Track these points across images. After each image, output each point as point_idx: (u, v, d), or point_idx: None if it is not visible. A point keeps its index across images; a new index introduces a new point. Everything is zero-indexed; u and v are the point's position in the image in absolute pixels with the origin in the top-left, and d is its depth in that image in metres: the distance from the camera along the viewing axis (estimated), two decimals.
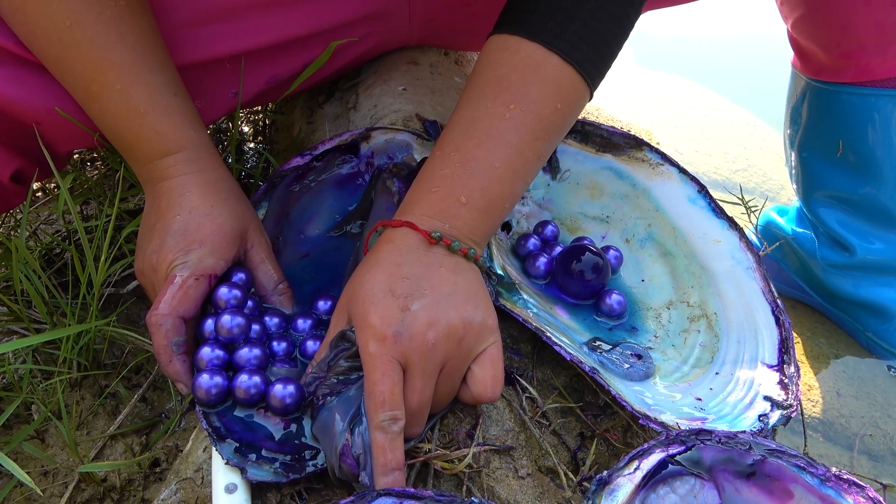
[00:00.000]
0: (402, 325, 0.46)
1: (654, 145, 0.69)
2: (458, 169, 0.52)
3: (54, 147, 0.61)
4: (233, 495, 0.46)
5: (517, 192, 0.54)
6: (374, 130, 0.66)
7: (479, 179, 0.51)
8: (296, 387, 0.49)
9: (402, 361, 0.46)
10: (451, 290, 0.49)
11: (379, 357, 0.46)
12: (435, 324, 0.47)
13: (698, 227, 0.65)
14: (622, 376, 0.56)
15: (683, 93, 1.72)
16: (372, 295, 0.48)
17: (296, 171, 0.64)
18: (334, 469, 0.46)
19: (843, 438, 0.80)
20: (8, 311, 0.68)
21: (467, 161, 0.51)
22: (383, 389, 0.45)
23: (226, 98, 0.68)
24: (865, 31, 0.75)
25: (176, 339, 0.51)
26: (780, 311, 0.59)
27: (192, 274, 0.51)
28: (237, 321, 0.52)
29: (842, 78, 0.79)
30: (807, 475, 0.43)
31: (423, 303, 0.47)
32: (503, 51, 0.54)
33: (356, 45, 0.73)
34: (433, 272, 0.49)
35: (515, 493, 0.49)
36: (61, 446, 0.64)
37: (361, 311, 0.48)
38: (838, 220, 0.87)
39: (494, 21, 0.56)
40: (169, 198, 0.54)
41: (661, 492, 0.43)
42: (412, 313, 0.46)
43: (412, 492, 0.42)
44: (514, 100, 0.52)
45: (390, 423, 0.45)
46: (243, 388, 0.50)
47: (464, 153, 0.52)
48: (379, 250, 0.51)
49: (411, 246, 0.50)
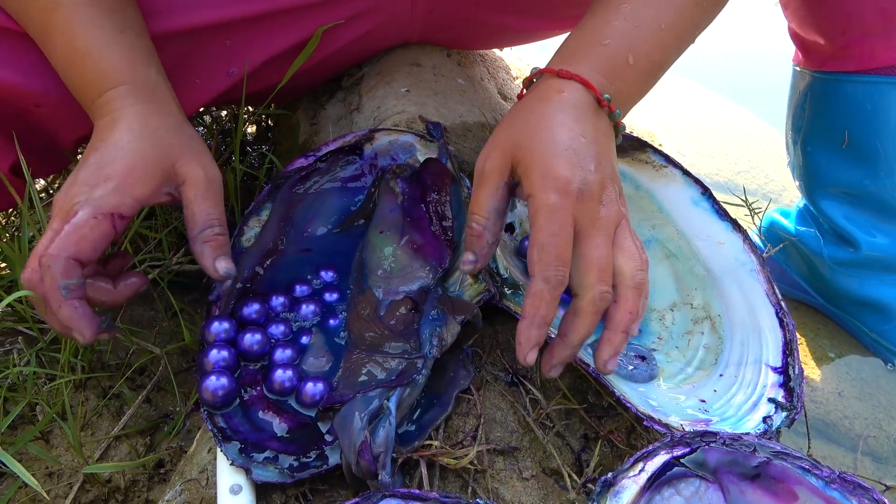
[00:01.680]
0: (585, 184, 0.45)
1: (657, 147, 0.69)
2: (628, 24, 0.50)
3: (59, 134, 0.60)
4: (238, 496, 0.46)
5: (671, 62, 0.53)
6: (378, 132, 0.66)
7: (646, 41, 0.50)
8: (325, 383, 0.52)
9: (577, 220, 0.45)
10: (612, 159, 0.49)
11: (561, 209, 0.45)
12: (607, 189, 0.47)
13: (702, 229, 0.65)
14: (626, 378, 0.56)
15: (685, 94, 1.72)
16: (555, 146, 0.46)
17: (299, 172, 0.64)
18: (351, 465, 0.46)
19: (846, 440, 0.79)
20: (11, 311, 0.68)
21: (638, 17, 0.50)
22: (559, 243, 0.44)
23: (223, 77, 0.67)
24: (870, 16, 0.76)
25: (65, 283, 0.46)
26: (784, 313, 0.59)
27: (92, 212, 0.47)
28: (256, 338, 0.55)
29: (846, 67, 0.80)
30: (811, 477, 0.43)
31: (597, 166, 0.47)
32: None
33: (354, 27, 0.72)
34: (600, 136, 0.49)
35: (520, 495, 0.49)
36: (66, 447, 0.64)
37: (542, 161, 0.46)
38: (844, 214, 0.88)
39: (496, 14, 0.56)
40: (96, 135, 0.51)
41: (666, 493, 0.43)
42: (592, 174, 0.46)
43: (417, 493, 0.42)
44: None
45: (558, 279, 0.44)
46: (278, 381, 0.52)
47: (635, 6, 0.50)
48: (550, 100, 0.49)
49: (584, 104, 0.49)
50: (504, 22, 0.81)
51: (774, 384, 0.55)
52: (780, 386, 0.55)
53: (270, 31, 0.67)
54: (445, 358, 0.54)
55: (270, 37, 0.67)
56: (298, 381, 0.52)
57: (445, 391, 0.53)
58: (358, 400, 0.48)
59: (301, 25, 0.68)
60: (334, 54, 0.75)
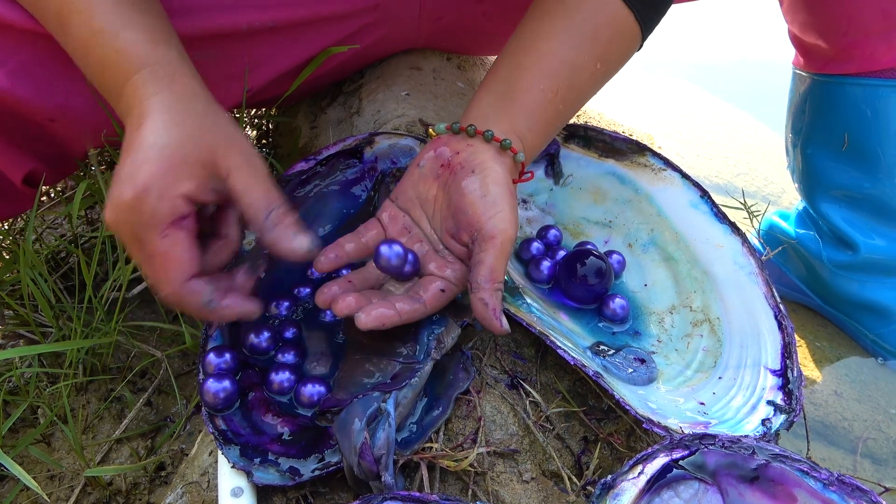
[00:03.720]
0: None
1: (656, 150, 0.69)
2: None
3: (69, 146, 0.60)
4: (239, 499, 0.46)
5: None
6: (378, 135, 0.66)
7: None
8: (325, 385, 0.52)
9: None
10: None
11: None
12: None
13: (701, 231, 0.65)
14: (626, 380, 0.56)
15: (684, 96, 1.72)
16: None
17: (300, 175, 0.64)
18: (353, 467, 0.46)
19: (845, 442, 0.80)
20: (14, 315, 0.69)
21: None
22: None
23: (238, 92, 0.68)
24: (872, 18, 0.77)
25: (204, 300, 0.45)
26: (783, 315, 0.60)
27: (158, 235, 0.44)
28: (265, 335, 0.55)
29: (847, 69, 0.80)
30: (810, 479, 0.43)
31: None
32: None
33: (361, 38, 0.73)
34: None
35: (520, 497, 0.49)
36: (67, 450, 0.64)
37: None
38: (843, 216, 0.88)
39: (503, 24, 0.57)
40: (130, 133, 0.47)
41: (666, 496, 0.44)
42: None
43: (417, 495, 0.43)
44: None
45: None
46: (277, 381, 0.53)
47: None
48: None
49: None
50: (510, 32, 0.81)
51: (773, 387, 0.55)
52: (779, 388, 0.55)
53: (284, 44, 0.67)
54: (445, 360, 0.54)
55: (284, 51, 0.68)
56: (297, 381, 0.53)
57: (445, 394, 0.53)
58: (356, 403, 0.48)
59: (310, 38, 0.69)
60: (340, 63, 0.75)
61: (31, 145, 0.59)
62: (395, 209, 0.56)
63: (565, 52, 0.55)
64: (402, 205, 0.56)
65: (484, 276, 0.49)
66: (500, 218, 0.50)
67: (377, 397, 0.48)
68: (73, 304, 0.68)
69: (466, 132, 0.54)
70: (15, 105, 0.55)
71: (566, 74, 0.55)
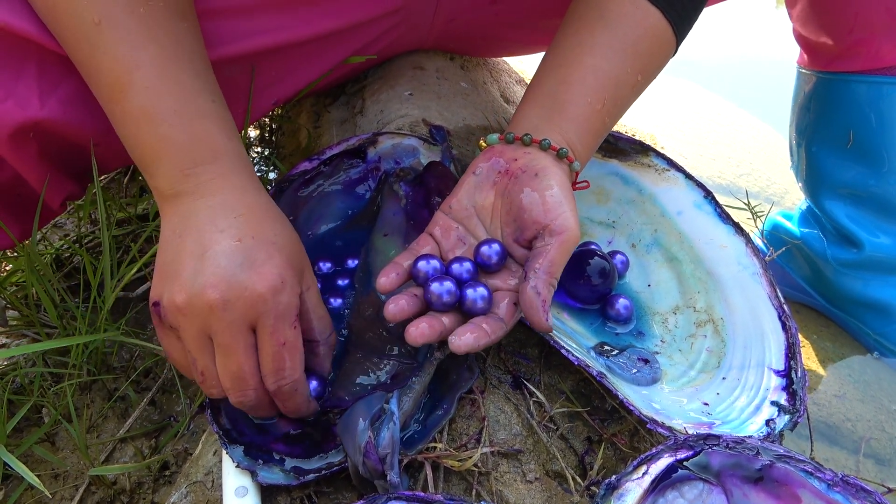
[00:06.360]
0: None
1: (660, 151, 0.69)
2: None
3: (103, 165, 0.61)
4: (243, 498, 0.47)
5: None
6: (382, 135, 0.66)
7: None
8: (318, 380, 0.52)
9: None
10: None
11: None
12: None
13: (704, 232, 0.65)
14: (629, 381, 0.56)
15: (687, 97, 1.72)
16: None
17: (303, 175, 0.64)
18: (357, 467, 0.46)
19: (849, 442, 0.80)
20: (19, 315, 0.69)
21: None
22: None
23: (268, 104, 0.68)
24: (877, 16, 0.77)
25: (310, 398, 0.50)
26: (787, 316, 0.60)
27: (290, 326, 0.47)
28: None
29: (852, 66, 0.81)
30: (814, 480, 0.43)
31: None
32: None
33: (376, 45, 0.73)
34: None
35: (524, 497, 0.50)
36: (72, 449, 0.64)
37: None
38: (848, 214, 0.88)
39: (514, 28, 0.57)
40: (212, 217, 0.47)
41: (670, 496, 0.44)
42: None
43: (422, 495, 0.43)
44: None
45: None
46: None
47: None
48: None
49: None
50: (518, 38, 0.81)
51: (777, 387, 0.55)
52: (783, 389, 0.55)
53: (310, 57, 0.68)
54: (448, 361, 0.54)
55: (310, 62, 0.69)
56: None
57: (449, 393, 0.53)
58: (360, 403, 0.48)
59: (335, 48, 0.69)
60: (353, 67, 0.76)
61: (72, 168, 0.60)
62: (448, 221, 0.56)
63: (610, 68, 0.55)
64: (456, 215, 0.56)
65: (543, 265, 0.48)
66: (566, 217, 0.50)
67: (380, 397, 0.48)
68: (77, 303, 0.69)
69: (522, 141, 0.54)
70: (65, 131, 0.55)
71: (611, 89, 0.55)
